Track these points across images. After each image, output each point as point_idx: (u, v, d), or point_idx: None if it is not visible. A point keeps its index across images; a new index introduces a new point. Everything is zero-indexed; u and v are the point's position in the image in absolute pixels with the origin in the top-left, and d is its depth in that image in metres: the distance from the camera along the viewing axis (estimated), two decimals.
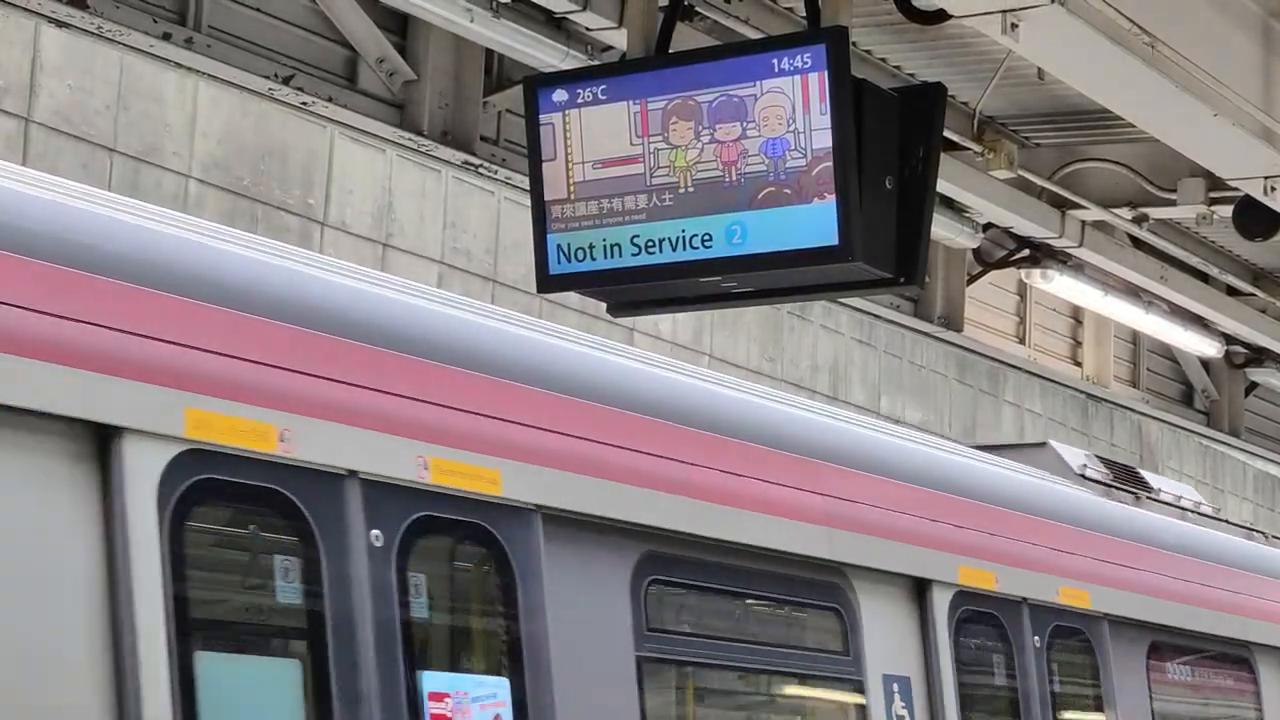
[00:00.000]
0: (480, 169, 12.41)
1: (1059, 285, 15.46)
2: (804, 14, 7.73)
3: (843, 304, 15.90)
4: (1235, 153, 9.47)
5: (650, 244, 7.39)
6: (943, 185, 11.21)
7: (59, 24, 10.14)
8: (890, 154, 7.31)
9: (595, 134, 7.48)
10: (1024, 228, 13.83)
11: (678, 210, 7.35)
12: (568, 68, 10.29)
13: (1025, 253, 15.20)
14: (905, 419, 16.62)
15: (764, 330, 15.39)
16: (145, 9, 10.55)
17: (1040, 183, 12.90)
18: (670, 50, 7.80)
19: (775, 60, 7.19)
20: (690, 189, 7.33)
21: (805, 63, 7.13)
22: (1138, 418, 20.34)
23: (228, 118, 11.11)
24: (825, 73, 7.09)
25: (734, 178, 7.26)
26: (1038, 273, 15.21)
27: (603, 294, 7.90)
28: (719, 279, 7.49)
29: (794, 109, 7.13)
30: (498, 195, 12.75)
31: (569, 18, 10.29)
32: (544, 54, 10.89)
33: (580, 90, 7.52)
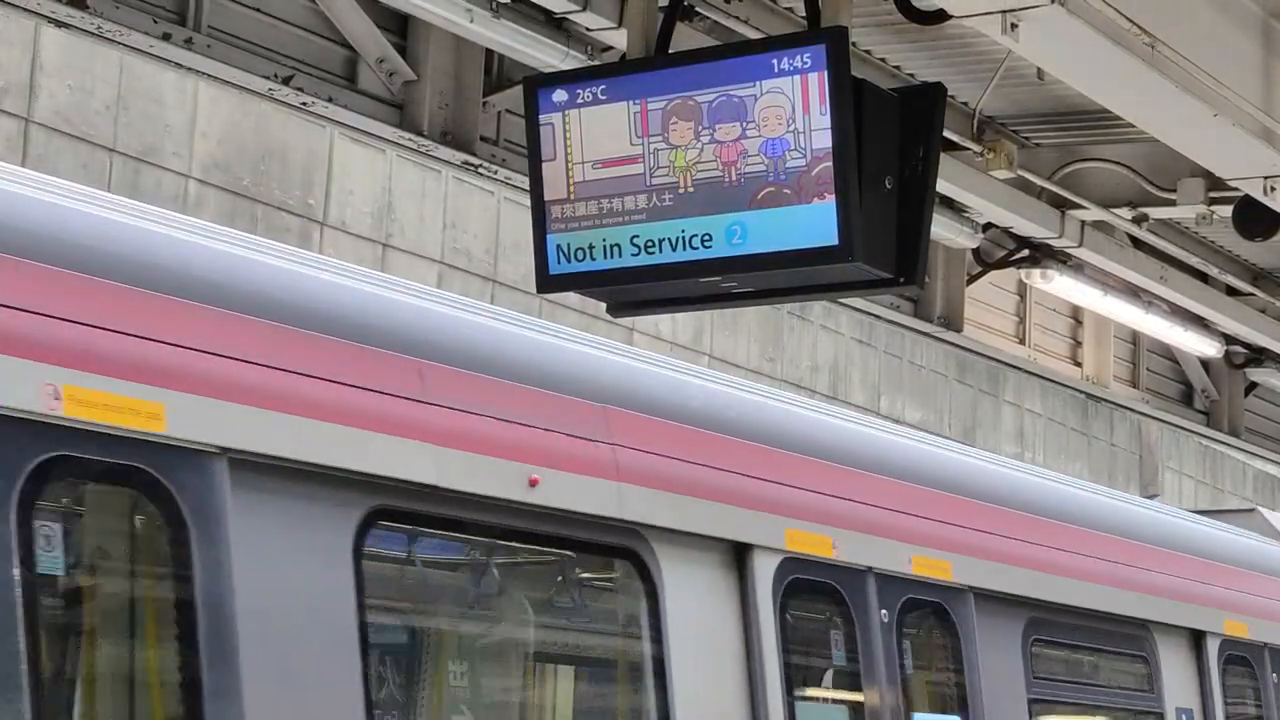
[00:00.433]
0: (480, 169, 12.41)
1: (1059, 285, 15.45)
2: (804, 14, 7.72)
3: (843, 304, 15.90)
4: (1235, 153, 9.47)
5: (650, 244, 7.39)
6: (942, 185, 11.21)
7: (59, 24, 10.13)
8: (890, 154, 7.30)
9: (595, 134, 7.47)
10: (1024, 228, 13.82)
11: (678, 210, 7.34)
12: (568, 68, 10.29)
13: (1025, 253, 15.18)
14: (905, 419, 16.61)
15: (764, 330, 15.39)
16: (145, 9, 10.55)
17: (1040, 183, 12.89)
18: (670, 50, 7.79)
19: (775, 60, 7.19)
20: (690, 189, 7.32)
21: (805, 63, 7.12)
22: (1137, 418, 20.34)
23: (227, 118, 11.12)
24: (825, 73, 7.08)
25: (734, 178, 7.25)
26: (1037, 273, 15.20)
27: (602, 294, 7.90)
28: (719, 279, 7.48)
29: (794, 109, 7.13)
30: (497, 195, 12.75)
31: (569, 18, 10.28)
32: (544, 54, 10.89)
33: (580, 90, 7.52)
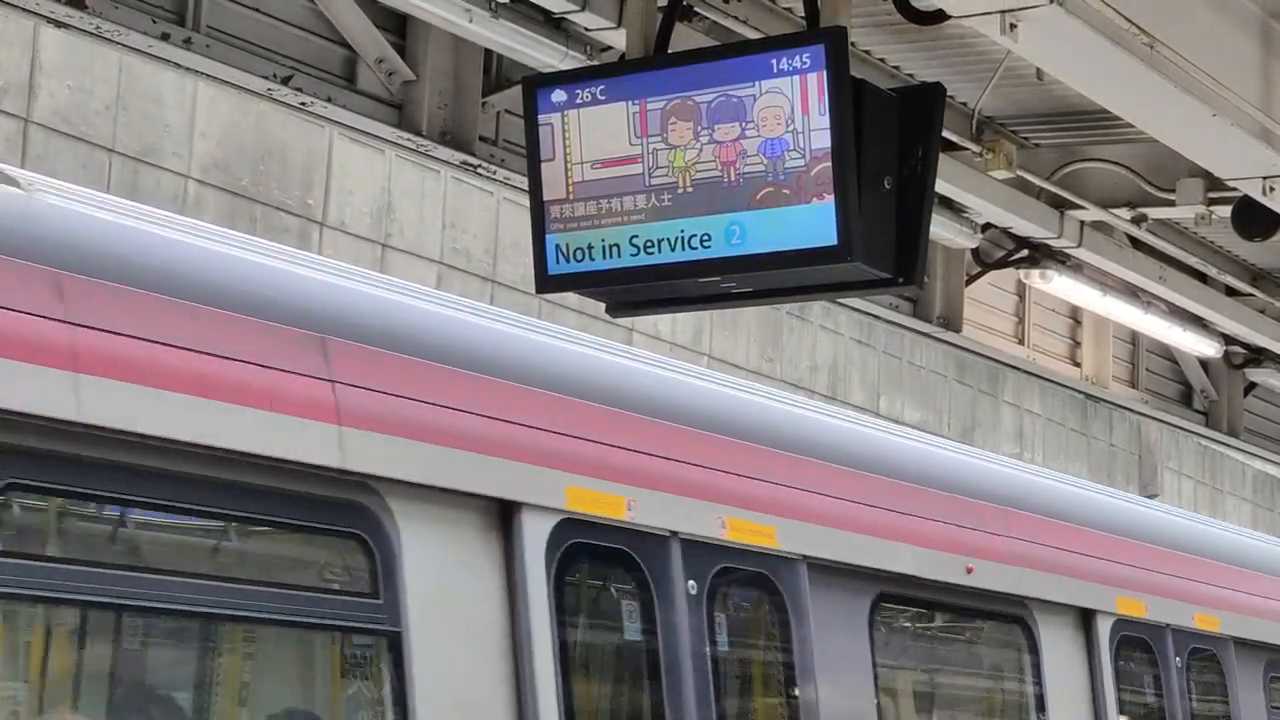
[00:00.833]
0: (479, 169, 12.41)
1: (1058, 285, 15.45)
2: (803, 14, 7.72)
3: (842, 304, 15.90)
4: (1234, 153, 9.47)
5: (649, 244, 7.39)
6: (941, 185, 11.22)
7: (58, 24, 10.14)
8: (889, 154, 7.30)
9: (594, 134, 7.47)
10: (1023, 228, 13.82)
11: (677, 210, 7.34)
12: (567, 68, 10.29)
13: (1024, 253, 15.19)
14: (904, 419, 16.61)
15: (763, 330, 15.39)
16: (144, 9, 10.55)
17: (1039, 183, 12.89)
18: (669, 50, 7.79)
19: (774, 60, 7.19)
20: (689, 189, 7.32)
21: (804, 63, 7.12)
22: (1137, 418, 20.35)
23: (227, 118, 11.12)
24: (824, 73, 7.08)
25: (733, 178, 7.25)
26: (1036, 273, 15.21)
27: (602, 294, 7.90)
28: (718, 279, 7.48)
29: (793, 109, 7.13)
30: (496, 195, 12.75)
31: (568, 18, 10.29)
32: (543, 54, 10.89)
33: (579, 90, 7.52)
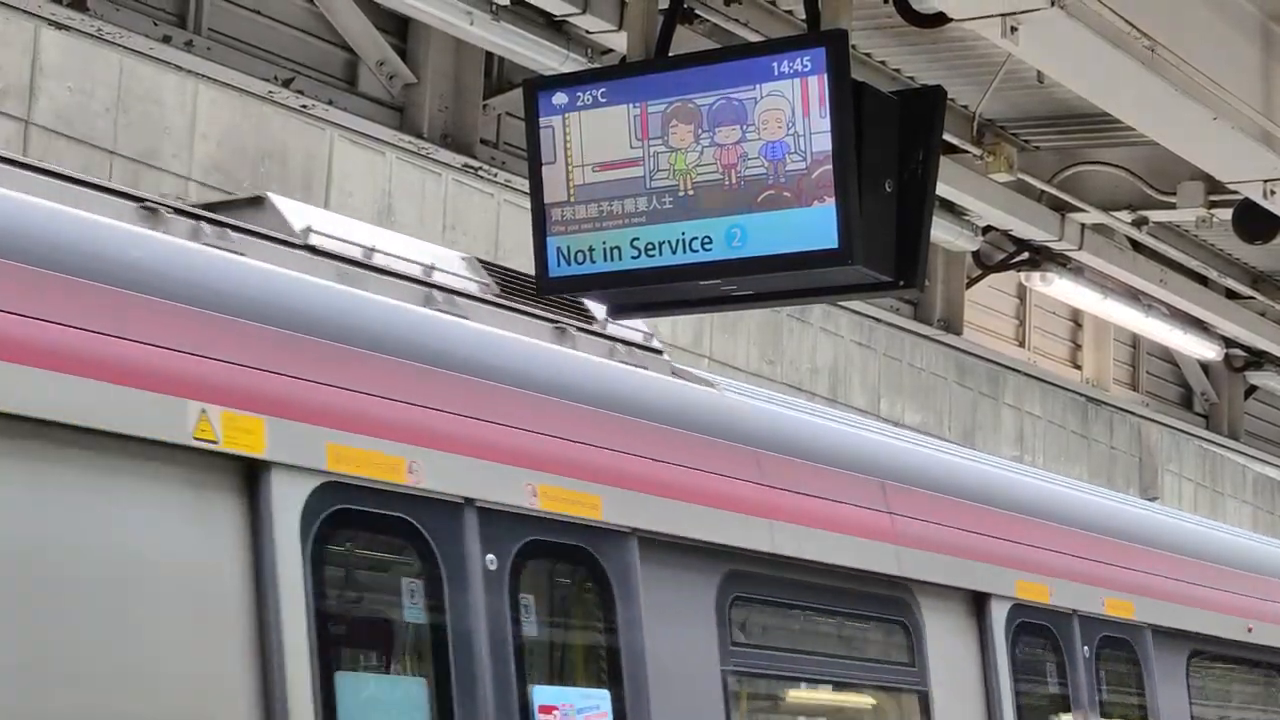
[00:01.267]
0: (480, 171, 12.42)
1: (1058, 288, 15.46)
2: (804, 17, 7.72)
3: (842, 307, 15.90)
4: (1235, 156, 9.47)
5: (650, 247, 7.39)
6: (942, 188, 11.21)
7: (59, 26, 10.14)
8: (890, 157, 7.30)
9: (595, 137, 7.47)
10: (1023, 231, 13.82)
11: (678, 213, 7.34)
12: (567, 70, 10.29)
13: (1025, 256, 15.19)
14: (905, 422, 16.61)
15: (764, 333, 15.39)
16: (145, 11, 10.56)
17: (1040, 186, 12.89)
18: (670, 53, 7.79)
19: (775, 63, 7.19)
20: (690, 192, 7.32)
21: (805, 66, 7.12)
22: (1137, 421, 20.35)
23: (227, 120, 11.12)
24: (825, 76, 7.08)
25: (734, 181, 7.25)
26: (1037, 276, 15.22)
27: (603, 297, 7.89)
28: (719, 282, 7.48)
29: (794, 112, 7.13)
30: (497, 198, 12.75)
31: (569, 20, 10.29)
32: (544, 57, 10.89)
33: (580, 93, 7.52)
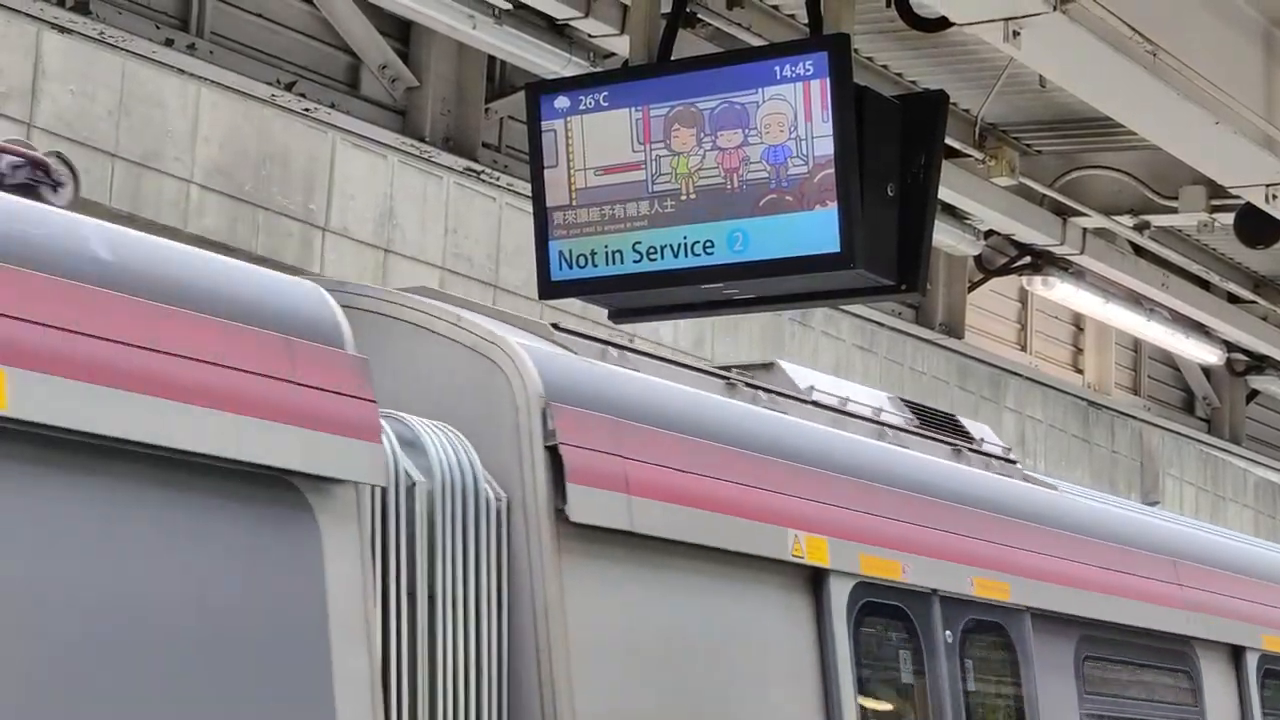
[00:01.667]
0: (482, 175, 12.42)
1: (1060, 292, 15.46)
2: (806, 21, 7.73)
3: (844, 310, 15.90)
4: (1236, 160, 9.48)
5: (652, 250, 7.40)
6: (944, 192, 11.21)
7: (61, 30, 10.14)
8: (892, 161, 7.31)
9: (597, 141, 7.48)
10: (1025, 235, 13.83)
11: (680, 217, 7.35)
12: (570, 74, 10.29)
13: (1026, 260, 15.20)
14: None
15: (765, 336, 15.38)
16: (148, 15, 10.56)
17: (1042, 190, 12.89)
18: (672, 57, 7.80)
19: (777, 67, 7.20)
20: (692, 196, 7.33)
21: (807, 70, 7.13)
22: (1139, 425, 20.34)
23: (229, 123, 11.12)
24: (827, 80, 7.09)
25: (736, 185, 7.26)
26: (1039, 280, 15.22)
27: (604, 300, 7.90)
28: (721, 286, 7.48)
29: (796, 116, 7.13)
30: (499, 201, 12.75)
31: (571, 24, 10.30)
32: (546, 60, 10.90)
33: (582, 97, 7.52)
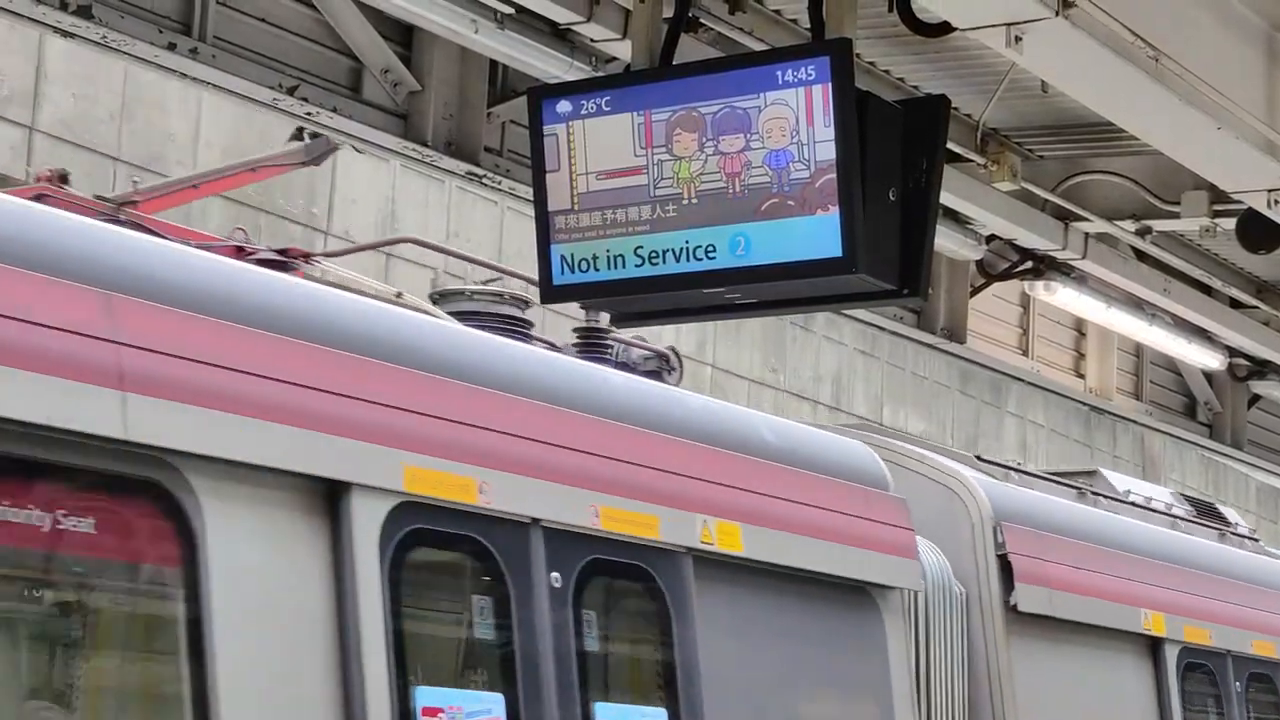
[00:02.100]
0: (484, 179, 12.42)
1: (1062, 297, 15.45)
2: (808, 26, 7.73)
3: (846, 315, 15.90)
4: (1239, 166, 9.47)
5: (654, 255, 7.40)
6: (946, 197, 11.18)
7: (64, 34, 10.15)
8: (894, 166, 7.31)
9: (599, 145, 7.48)
10: (1027, 240, 13.82)
11: (681, 221, 7.35)
12: (572, 79, 10.30)
13: (1028, 265, 15.19)
14: (908, 430, 16.61)
15: (767, 341, 15.39)
16: (150, 19, 10.57)
17: (1044, 195, 12.89)
18: (674, 62, 7.80)
19: (779, 72, 7.20)
20: (694, 200, 7.33)
21: (809, 75, 7.13)
22: (1140, 430, 20.34)
23: (231, 127, 11.12)
24: (829, 85, 7.09)
25: (738, 189, 7.26)
26: (1041, 285, 15.21)
27: (606, 305, 7.90)
28: (722, 290, 7.48)
29: (798, 121, 7.13)
30: (501, 205, 12.75)
31: (573, 29, 10.29)
32: (548, 65, 10.90)
33: (584, 101, 7.53)
